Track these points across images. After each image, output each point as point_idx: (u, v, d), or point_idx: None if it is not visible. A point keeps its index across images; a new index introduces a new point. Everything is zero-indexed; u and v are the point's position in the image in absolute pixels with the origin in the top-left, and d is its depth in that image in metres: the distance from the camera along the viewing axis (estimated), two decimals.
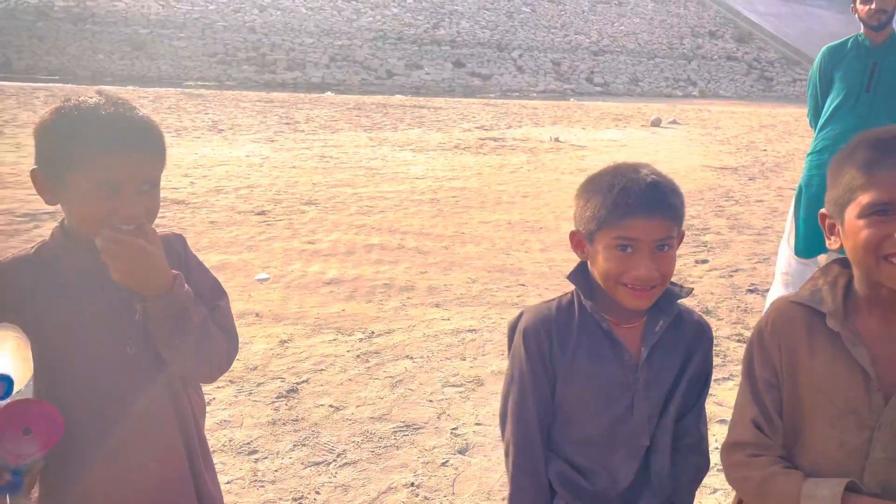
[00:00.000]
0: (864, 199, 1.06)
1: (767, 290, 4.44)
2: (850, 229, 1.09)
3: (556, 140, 12.60)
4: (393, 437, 2.82)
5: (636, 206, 1.21)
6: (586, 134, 14.17)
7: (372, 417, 2.97)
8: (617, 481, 1.34)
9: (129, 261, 1.17)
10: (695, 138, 14.14)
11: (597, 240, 1.27)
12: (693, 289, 1.43)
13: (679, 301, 1.34)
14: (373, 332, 3.89)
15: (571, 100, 25.00)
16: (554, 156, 10.95)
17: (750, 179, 9.38)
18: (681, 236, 1.29)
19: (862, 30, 3.52)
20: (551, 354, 1.33)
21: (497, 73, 29.51)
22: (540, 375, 1.33)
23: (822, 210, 1.19)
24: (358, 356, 3.58)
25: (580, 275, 1.36)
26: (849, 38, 3.61)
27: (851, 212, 1.08)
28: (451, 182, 8.48)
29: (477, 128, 14.54)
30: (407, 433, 2.86)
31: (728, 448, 1.21)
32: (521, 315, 1.42)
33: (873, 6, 3.39)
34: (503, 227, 6.37)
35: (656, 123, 16.34)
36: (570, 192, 6.31)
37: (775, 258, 4.53)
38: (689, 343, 1.34)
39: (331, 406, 3.06)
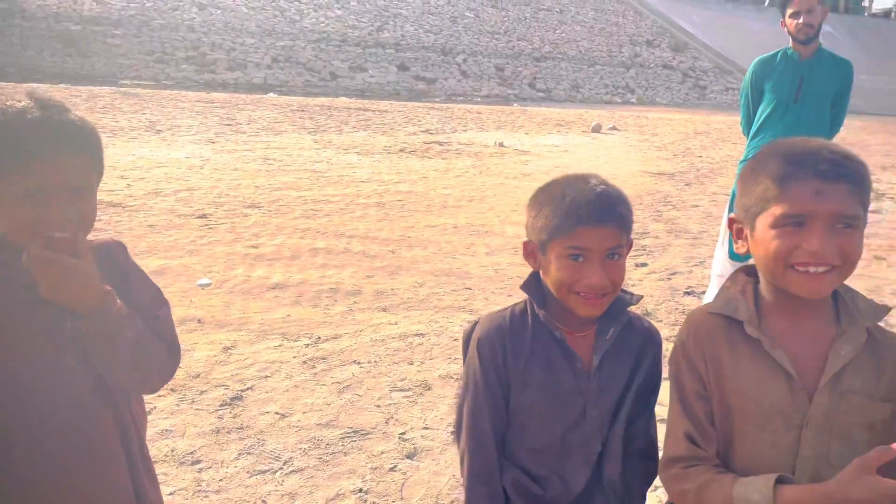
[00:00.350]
0: (777, 210, 1.11)
1: (704, 292, 4.60)
2: (761, 238, 1.14)
3: (501, 145, 12.73)
4: (340, 444, 2.80)
5: (587, 216, 1.24)
6: (530, 139, 14.36)
7: (319, 424, 2.94)
8: (570, 488, 1.37)
9: (57, 278, 1.13)
10: (634, 144, 14.50)
11: (549, 249, 1.30)
12: (643, 296, 1.47)
13: (629, 308, 1.38)
14: (319, 338, 3.85)
15: (515, 105, 25.30)
16: (498, 160, 11.06)
17: (686, 185, 9.67)
18: (629, 244, 1.33)
19: (791, 43, 3.69)
20: (506, 364, 1.35)
21: (442, 78, 29.61)
22: (494, 385, 1.35)
23: (732, 215, 1.24)
24: (304, 362, 3.54)
25: (533, 284, 1.39)
26: (778, 52, 3.78)
27: (763, 221, 1.13)
28: (397, 186, 8.47)
29: (422, 131, 14.56)
30: (354, 439, 2.85)
31: (665, 464, 1.23)
32: (475, 324, 1.43)
33: (801, 21, 3.56)
34: (449, 230, 6.41)
35: (597, 129, 16.68)
36: (514, 197, 6.43)
37: (711, 261, 4.68)
38: (639, 350, 1.38)
39: (277, 413, 3.02)
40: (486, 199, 7.87)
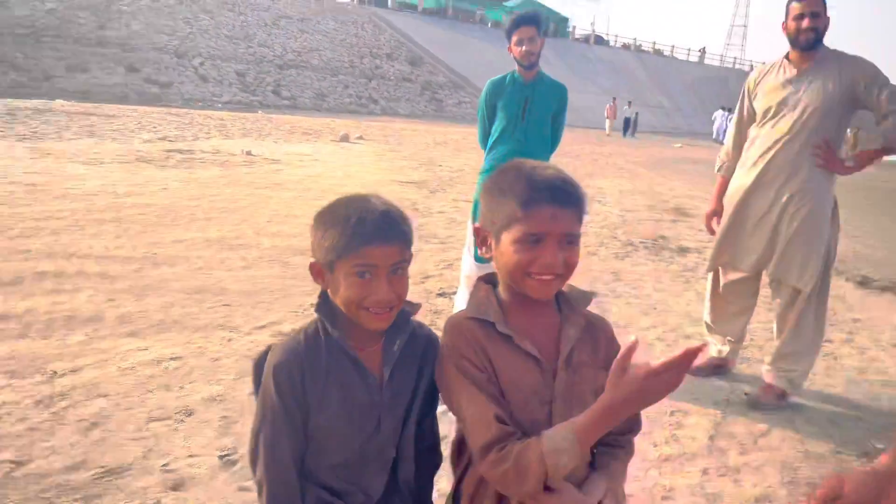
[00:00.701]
0: (520, 229, 1.32)
1: (455, 293, 4.96)
2: (505, 250, 1.34)
3: (249, 153, 12.35)
4: (94, 486, 2.56)
5: (372, 235, 1.32)
6: (279, 147, 14.13)
7: (66, 467, 2.65)
8: (370, 496, 1.44)
9: None
10: (381, 154, 15.00)
11: (337, 268, 1.35)
12: (421, 304, 1.58)
13: (411, 317, 1.48)
14: (55, 373, 3.44)
15: (259, 112, 24.66)
16: (248, 169, 10.74)
17: (431, 193, 10.27)
18: (411, 258, 1.43)
19: (517, 68, 4.15)
20: (304, 388, 1.36)
21: (177, 81, 27.77)
22: (293, 411, 1.36)
23: (477, 224, 1.44)
24: (39, 401, 3.14)
25: (323, 304, 1.43)
26: (507, 74, 4.22)
27: (508, 237, 1.34)
28: (135, 198, 7.81)
29: (160, 139, 13.56)
30: (110, 478, 2.61)
31: (481, 453, 1.29)
32: (266, 352, 1.43)
33: (524, 48, 4.02)
34: (200, 244, 6.08)
35: (345, 139, 16.95)
36: (268, 207, 6.34)
37: (459, 263, 5.06)
38: (423, 356, 1.48)
39: (11, 462, 2.65)
40: (239, 211, 7.61)
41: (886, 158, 3.85)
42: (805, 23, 3.54)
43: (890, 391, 4.15)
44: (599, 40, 57.60)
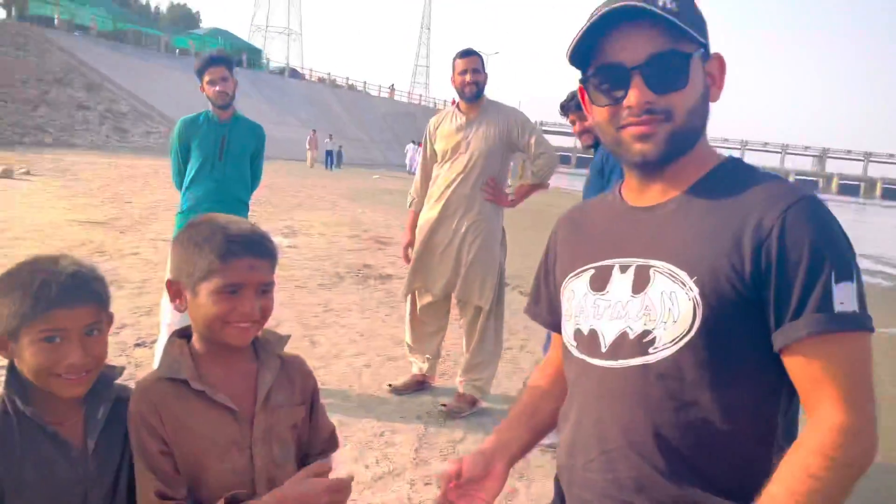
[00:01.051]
0: (219, 281, 1.37)
1: (155, 342, 4.65)
2: (204, 302, 1.39)
3: None
4: None
5: (59, 297, 1.26)
6: None
7: None
8: None
9: None
10: (55, 191, 13.34)
11: (21, 336, 1.27)
12: (125, 367, 1.52)
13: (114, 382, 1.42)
14: None
15: None
16: None
17: (121, 233, 9.45)
18: (110, 318, 1.38)
19: (211, 107, 4.12)
20: None
21: None
22: None
23: (170, 278, 1.46)
24: None
25: (11, 378, 1.31)
26: (201, 113, 4.16)
27: (206, 288, 1.38)
28: None
29: None
30: None
31: None
32: None
33: (217, 88, 4.02)
34: None
35: (7, 175, 14.68)
36: None
37: (157, 309, 4.77)
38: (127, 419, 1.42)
39: None
40: None
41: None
42: (467, 77, 4.11)
43: None
44: (295, 73, 58.41)
